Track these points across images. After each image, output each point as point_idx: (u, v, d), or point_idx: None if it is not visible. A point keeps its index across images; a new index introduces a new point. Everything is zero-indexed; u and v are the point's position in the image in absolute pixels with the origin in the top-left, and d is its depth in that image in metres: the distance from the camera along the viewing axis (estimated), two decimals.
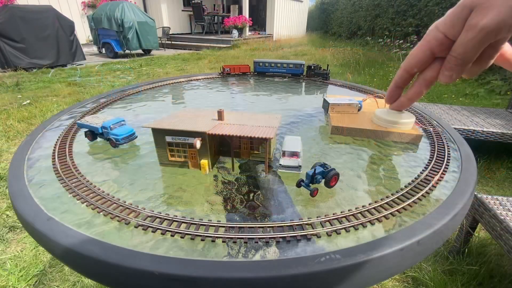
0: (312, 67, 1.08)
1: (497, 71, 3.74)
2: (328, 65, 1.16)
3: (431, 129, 0.64)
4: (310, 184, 0.40)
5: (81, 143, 0.56)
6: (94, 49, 6.86)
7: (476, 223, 1.14)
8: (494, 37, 0.30)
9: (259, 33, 9.62)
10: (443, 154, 0.52)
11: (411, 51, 0.39)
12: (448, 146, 0.56)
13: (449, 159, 0.51)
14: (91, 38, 6.74)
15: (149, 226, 0.34)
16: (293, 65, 1.08)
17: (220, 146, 0.51)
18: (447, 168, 0.48)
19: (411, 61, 0.40)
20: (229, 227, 0.34)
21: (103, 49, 6.29)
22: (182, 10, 9.31)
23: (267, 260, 0.29)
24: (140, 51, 6.68)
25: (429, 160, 0.51)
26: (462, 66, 0.34)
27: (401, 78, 0.43)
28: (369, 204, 0.38)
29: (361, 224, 0.34)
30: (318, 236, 0.33)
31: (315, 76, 1.08)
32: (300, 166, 0.45)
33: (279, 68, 1.09)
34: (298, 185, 0.41)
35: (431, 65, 0.38)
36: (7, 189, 0.47)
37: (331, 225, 0.34)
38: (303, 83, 1.06)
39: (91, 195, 0.39)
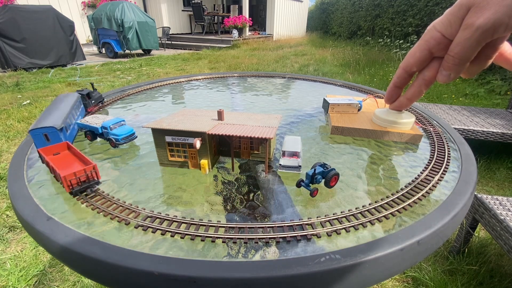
0: (87, 94, 0.71)
1: (497, 71, 3.74)
2: (92, 83, 0.80)
3: (431, 129, 0.64)
4: (310, 184, 0.40)
5: (81, 143, 0.56)
6: (94, 49, 6.87)
7: (476, 223, 1.14)
8: (490, 36, 0.30)
9: (259, 33, 9.62)
10: (443, 154, 0.52)
11: (410, 51, 0.40)
12: (448, 146, 0.56)
13: (449, 159, 0.51)
14: (91, 38, 6.75)
15: (149, 227, 0.34)
16: (77, 104, 0.64)
17: (220, 146, 0.51)
18: (447, 168, 0.48)
19: (409, 60, 0.40)
20: (229, 227, 0.34)
21: (103, 49, 6.29)
22: (182, 10, 9.31)
23: (267, 260, 0.29)
24: (140, 51, 6.69)
25: (429, 160, 0.51)
26: (460, 66, 0.34)
27: (399, 78, 0.43)
28: (369, 204, 0.38)
29: (361, 224, 0.34)
30: (318, 236, 0.33)
31: (96, 105, 0.76)
32: (300, 166, 0.45)
33: (74, 119, 0.60)
34: (298, 185, 0.41)
35: (430, 64, 0.38)
36: (7, 189, 0.47)
37: (331, 225, 0.34)
38: None
39: (91, 195, 0.39)
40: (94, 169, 0.41)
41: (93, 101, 0.74)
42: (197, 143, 0.42)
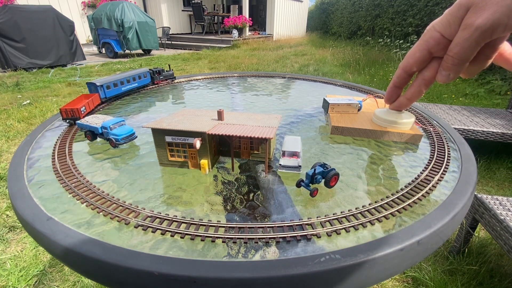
0: (157, 72, 0.98)
1: (497, 71, 3.75)
2: (169, 65, 1.14)
3: (431, 129, 0.64)
4: (310, 184, 0.40)
5: (81, 143, 0.56)
6: (94, 49, 6.87)
7: (476, 223, 1.14)
8: (489, 36, 0.30)
9: (259, 33, 9.62)
10: (443, 154, 0.52)
11: (409, 51, 0.40)
12: (448, 146, 0.56)
13: (449, 159, 0.51)
14: (91, 38, 6.75)
15: (149, 226, 0.34)
16: (141, 75, 0.92)
17: (220, 146, 0.51)
18: (447, 168, 0.48)
19: (409, 60, 0.40)
20: (229, 227, 0.34)
21: (103, 49, 6.30)
22: (182, 10, 9.32)
23: (267, 260, 0.29)
24: (140, 51, 6.69)
25: (429, 160, 0.51)
26: (459, 66, 0.34)
27: (399, 78, 0.43)
28: (369, 204, 0.38)
29: (361, 224, 0.34)
30: (318, 236, 0.33)
31: (163, 80, 1.01)
32: (300, 166, 0.45)
33: (129, 83, 0.87)
34: (298, 185, 0.41)
35: (429, 64, 0.39)
36: (7, 189, 0.47)
37: (331, 225, 0.34)
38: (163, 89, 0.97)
39: (91, 195, 0.39)
40: (77, 110, 0.64)
41: (161, 77, 1.00)
42: (197, 143, 0.42)
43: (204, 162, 0.45)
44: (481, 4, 0.29)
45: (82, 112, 0.66)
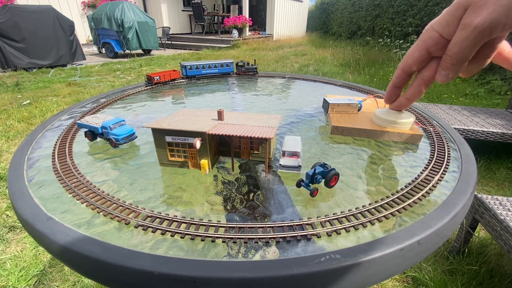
0: (241, 64, 1.15)
1: (497, 71, 3.74)
2: (255, 60, 1.27)
3: (431, 129, 0.64)
4: (310, 184, 0.40)
5: (81, 143, 0.56)
6: (94, 49, 6.87)
7: (476, 223, 1.14)
8: (488, 36, 0.30)
9: (259, 33, 9.63)
10: (443, 154, 0.52)
11: (408, 51, 0.40)
12: (448, 146, 0.56)
13: (449, 159, 0.51)
14: (91, 38, 6.75)
15: (149, 226, 0.34)
16: (223, 64, 1.12)
17: (220, 146, 0.51)
18: (447, 168, 0.48)
19: (408, 60, 0.40)
20: (229, 227, 0.34)
21: (103, 49, 6.30)
22: (182, 10, 9.32)
23: (267, 260, 0.29)
24: (140, 51, 6.69)
25: (429, 160, 0.51)
26: (458, 65, 0.34)
27: (398, 78, 0.43)
28: (369, 204, 0.38)
29: (361, 224, 0.34)
30: (318, 236, 0.33)
31: (245, 72, 1.16)
32: (300, 166, 0.45)
33: (210, 69, 1.09)
34: (298, 185, 0.41)
35: (428, 64, 0.39)
36: (7, 189, 0.47)
37: (331, 225, 0.34)
38: (237, 80, 1.12)
39: (91, 195, 0.39)
40: (151, 77, 0.95)
41: (243, 69, 1.15)
42: (197, 143, 0.42)
43: (204, 162, 0.45)
44: (480, 3, 0.29)
45: (156, 79, 0.95)
